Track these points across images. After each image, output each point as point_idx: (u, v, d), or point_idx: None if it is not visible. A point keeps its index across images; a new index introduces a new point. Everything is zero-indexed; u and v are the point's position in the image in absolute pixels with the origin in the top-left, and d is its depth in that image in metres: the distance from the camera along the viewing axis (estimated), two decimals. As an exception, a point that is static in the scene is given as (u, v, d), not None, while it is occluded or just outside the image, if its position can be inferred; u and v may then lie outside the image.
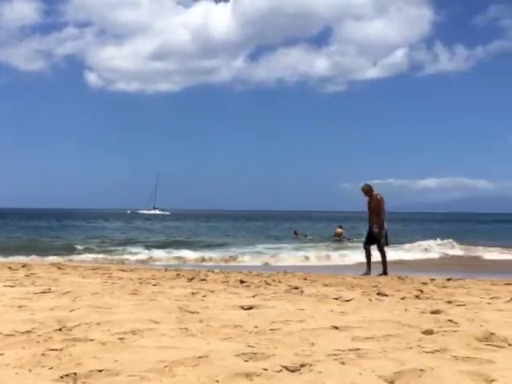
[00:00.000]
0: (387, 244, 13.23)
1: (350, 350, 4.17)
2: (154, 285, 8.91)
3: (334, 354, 4.04)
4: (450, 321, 5.32)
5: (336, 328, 5.04)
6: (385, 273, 12.79)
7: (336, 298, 7.36)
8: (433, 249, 25.62)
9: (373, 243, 13.22)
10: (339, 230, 33.09)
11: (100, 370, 3.63)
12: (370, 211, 13.27)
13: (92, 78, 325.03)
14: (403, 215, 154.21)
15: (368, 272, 12.81)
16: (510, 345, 4.31)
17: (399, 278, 10.76)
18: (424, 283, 9.75)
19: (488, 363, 3.79)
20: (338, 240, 31.59)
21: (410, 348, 4.23)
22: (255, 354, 4.03)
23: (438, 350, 4.13)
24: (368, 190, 13.30)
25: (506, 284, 9.80)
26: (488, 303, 7.09)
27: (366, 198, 13.35)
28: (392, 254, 22.76)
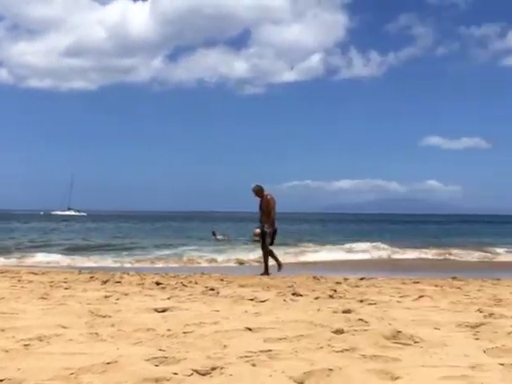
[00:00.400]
0: (272, 244, 13.46)
1: (261, 351, 4.18)
2: (66, 288, 8.65)
3: (246, 356, 4.04)
4: (361, 320, 5.44)
5: (249, 329, 5.04)
6: (266, 272, 13.01)
7: (251, 299, 7.38)
8: (353, 249, 26.15)
9: (272, 243, 13.45)
10: (258, 231, 33.21)
11: (1, 380, 3.47)
12: (261, 211, 13.48)
13: (3, 74, 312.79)
14: (320, 216, 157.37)
15: (279, 269, 13.21)
16: (416, 342, 4.45)
17: (314, 277, 10.92)
18: (338, 283, 9.94)
19: (394, 361, 3.89)
20: (258, 240, 31.71)
21: (321, 348, 4.29)
22: (166, 358, 3.97)
23: (347, 350, 4.21)
24: (259, 191, 13.47)
25: (415, 282, 10.15)
26: (397, 301, 7.31)
27: (258, 199, 13.50)
28: (314, 254, 23.34)
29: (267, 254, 13.38)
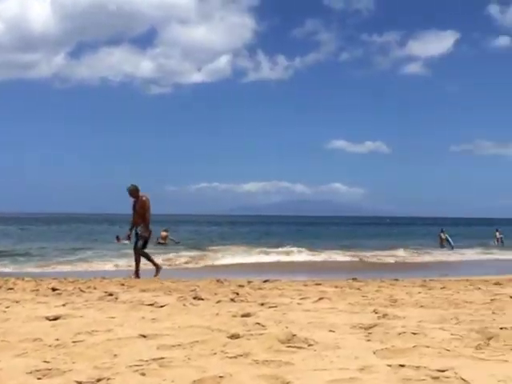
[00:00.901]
0: (144, 247, 13.12)
1: (153, 359, 4.05)
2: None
3: (136, 365, 3.90)
4: (258, 323, 5.41)
5: (143, 336, 4.89)
6: (137, 276, 12.78)
7: (151, 304, 7.20)
8: (262, 251, 26.28)
9: (145, 246, 13.20)
10: (164, 234, 32.83)
11: None
12: (134, 213, 13.03)
13: None
14: (230, 218, 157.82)
15: (155, 272, 13.03)
16: (309, 345, 4.45)
17: (218, 281, 10.84)
18: (241, 286, 9.92)
19: (286, 365, 3.87)
20: (163, 243, 31.34)
21: (214, 354, 4.21)
22: (50, 370, 3.76)
23: (240, 355, 4.15)
24: (134, 191, 13.03)
25: (317, 284, 10.28)
26: (298, 304, 7.36)
27: (132, 200, 13.11)
28: (221, 257, 23.28)
29: (139, 257, 13.00)
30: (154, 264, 13.27)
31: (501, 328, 5.00)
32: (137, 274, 12.82)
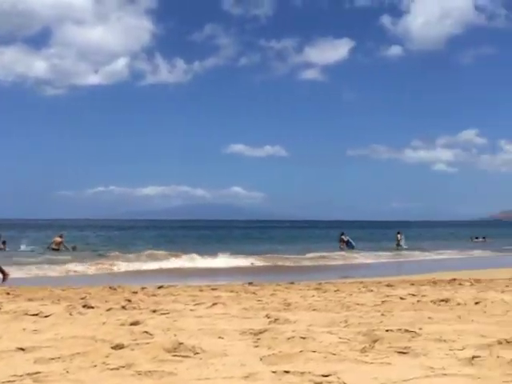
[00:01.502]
0: None
1: (28, 374, 3.78)
2: None
3: (9, 381, 3.63)
4: (146, 332, 5.22)
5: (22, 349, 4.58)
6: None
7: (35, 314, 6.82)
8: (160, 257, 25.84)
9: None
10: (58, 239, 31.63)
11: None
12: None
13: None
14: (128, 222, 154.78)
15: None
16: (196, 354, 4.33)
17: (110, 287, 10.50)
18: (134, 292, 9.66)
19: (169, 375, 3.72)
20: (57, 249, 30.20)
21: (95, 366, 3.99)
22: None
23: (123, 366, 3.95)
24: None
25: (213, 289, 10.19)
26: (191, 310, 7.22)
27: None
28: (120, 262, 22.61)
29: None
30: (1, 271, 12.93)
31: (387, 330, 5.09)
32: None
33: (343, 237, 36.19)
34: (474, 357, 4.03)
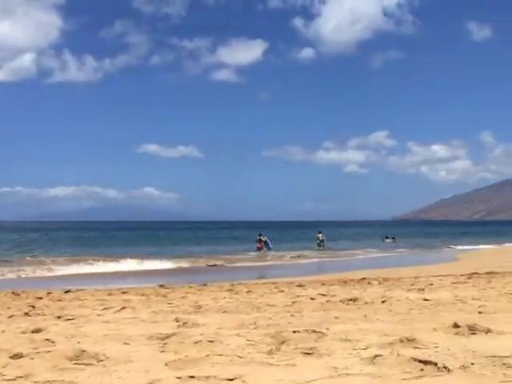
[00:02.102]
0: None
1: None
2: None
3: None
4: (48, 340, 5.02)
5: None
6: None
7: None
8: (69, 261, 25.08)
9: None
10: None
11: None
12: None
13: None
14: (37, 224, 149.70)
15: None
16: (99, 361, 4.20)
17: (13, 293, 10.07)
18: (39, 298, 9.30)
19: (70, 385, 3.59)
20: None
21: (-10, 378, 3.79)
22: None
23: (20, 377, 3.78)
24: None
25: (123, 293, 9.98)
26: (98, 315, 7.03)
27: None
28: (29, 269, 21.66)
29: None
30: None
31: (294, 331, 5.12)
32: None
33: (261, 237, 36.46)
34: (375, 356, 4.12)
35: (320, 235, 39.78)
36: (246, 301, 8.30)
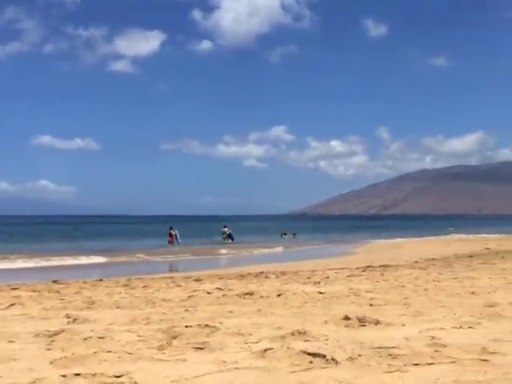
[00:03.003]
0: None
1: None
2: None
3: None
4: None
5: None
6: None
7: None
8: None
9: None
10: None
11: None
12: None
13: None
14: None
15: None
16: None
17: None
18: None
19: None
20: None
21: None
22: None
23: None
24: None
25: (13, 289, 9.55)
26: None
27: None
28: None
29: None
30: None
31: (186, 326, 5.08)
32: None
33: (172, 231, 36.16)
34: (266, 349, 4.15)
35: (226, 229, 39.87)
36: (142, 296, 8.16)
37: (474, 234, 43.66)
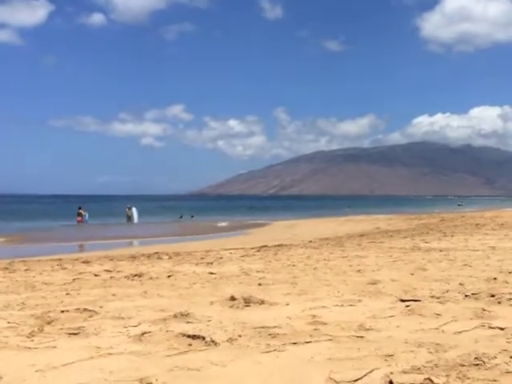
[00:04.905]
0: None
1: None
2: None
3: None
4: None
5: None
6: None
7: None
8: None
9: None
10: None
11: None
12: None
13: None
14: None
15: None
16: None
17: None
18: None
19: None
20: None
21: None
22: None
23: None
24: None
25: None
26: None
27: None
28: None
29: None
30: None
31: (62, 311, 4.82)
32: None
33: (81, 211, 35.27)
34: (144, 333, 3.99)
35: (133, 210, 39.25)
36: (22, 280, 7.71)
37: (366, 215, 45.18)
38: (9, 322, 4.46)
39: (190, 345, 3.76)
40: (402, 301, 5.25)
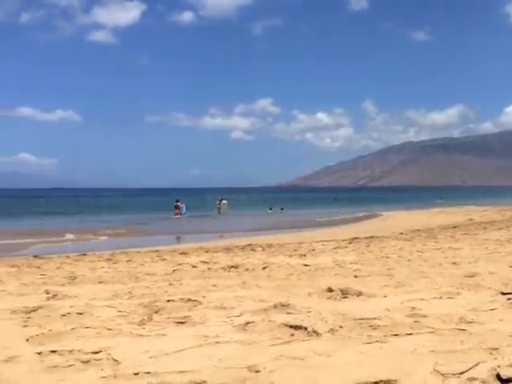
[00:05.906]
0: None
1: None
2: None
3: None
4: None
5: None
6: None
7: None
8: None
9: None
10: None
11: None
12: None
13: None
14: None
15: None
16: (-46, 338, 3.89)
17: None
18: None
19: None
20: None
21: None
22: None
23: None
24: None
25: None
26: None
27: None
28: None
29: None
30: None
31: (168, 300, 5.03)
32: None
33: (178, 203, 36.45)
34: (247, 322, 4.11)
35: (223, 202, 40.11)
36: (125, 270, 8.09)
37: (459, 206, 43.87)
38: (119, 311, 4.71)
39: (293, 335, 3.84)
40: (503, 294, 5.12)
